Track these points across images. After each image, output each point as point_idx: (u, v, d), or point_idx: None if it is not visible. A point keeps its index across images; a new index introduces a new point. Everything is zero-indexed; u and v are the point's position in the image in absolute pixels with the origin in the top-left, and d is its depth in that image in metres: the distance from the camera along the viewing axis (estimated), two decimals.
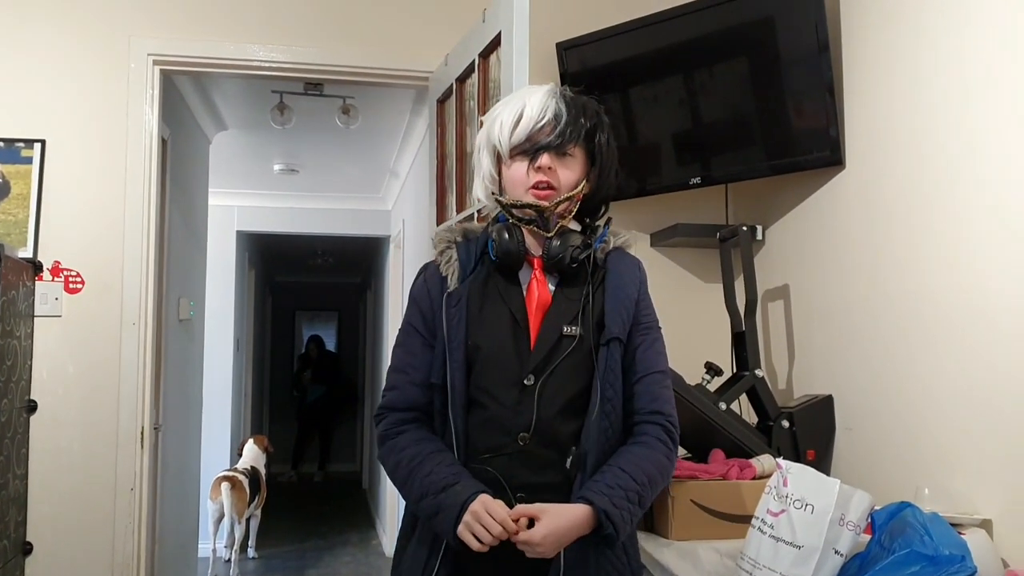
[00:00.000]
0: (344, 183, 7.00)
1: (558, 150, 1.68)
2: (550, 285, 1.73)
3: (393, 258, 6.87)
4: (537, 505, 1.56)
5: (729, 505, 2.13)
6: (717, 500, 2.14)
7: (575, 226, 1.78)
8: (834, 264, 2.63)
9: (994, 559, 1.78)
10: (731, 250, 2.86)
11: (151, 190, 3.13)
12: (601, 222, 1.80)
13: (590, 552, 1.61)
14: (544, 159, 1.67)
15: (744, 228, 2.80)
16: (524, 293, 1.73)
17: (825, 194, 2.69)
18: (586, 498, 1.57)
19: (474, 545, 1.54)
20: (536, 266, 1.74)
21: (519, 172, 1.70)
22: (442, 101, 3.24)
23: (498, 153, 1.74)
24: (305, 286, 12.48)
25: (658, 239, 3.19)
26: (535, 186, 1.68)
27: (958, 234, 2.10)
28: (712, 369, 2.63)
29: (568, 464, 1.62)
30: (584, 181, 1.72)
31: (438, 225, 3.24)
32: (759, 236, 2.96)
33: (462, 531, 1.55)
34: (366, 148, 5.91)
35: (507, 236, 1.71)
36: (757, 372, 2.67)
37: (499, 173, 1.76)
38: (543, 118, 1.67)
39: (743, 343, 2.73)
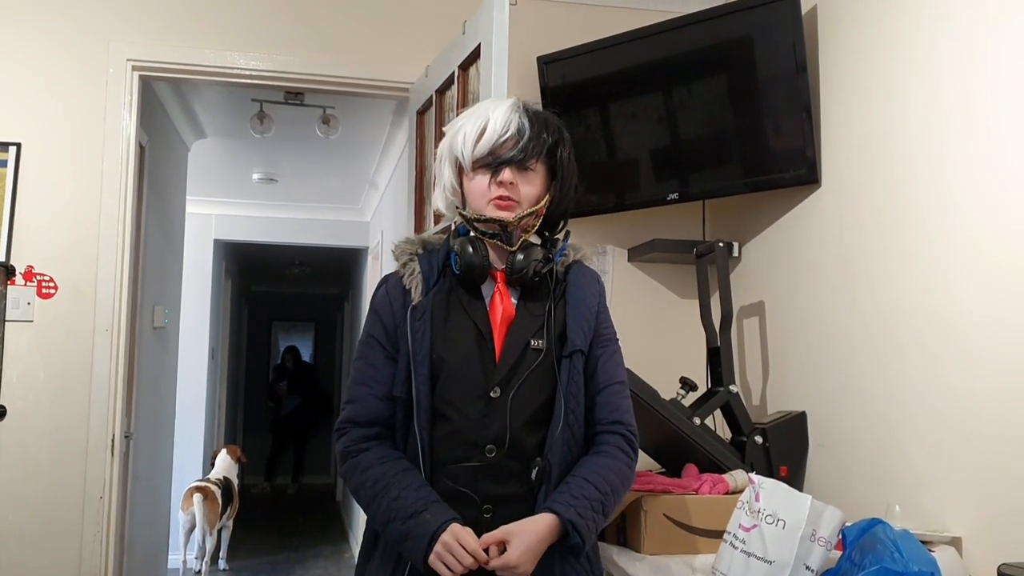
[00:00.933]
0: (323, 193, 6.98)
1: (520, 165, 1.69)
2: (513, 298, 1.75)
3: (371, 269, 6.86)
4: (502, 529, 1.57)
5: (702, 520, 2.13)
6: (690, 515, 2.14)
7: (535, 240, 1.80)
8: (809, 282, 2.65)
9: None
10: (707, 266, 2.88)
11: (127, 196, 3.11)
12: (560, 235, 1.82)
13: (555, 562, 1.62)
14: (506, 174, 1.69)
15: (721, 244, 2.81)
16: (488, 306, 1.74)
17: (801, 212, 2.71)
18: (552, 509, 1.59)
19: (446, 574, 1.55)
20: (499, 279, 1.75)
21: (481, 185, 1.71)
22: (422, 112, 3.25)
23: (460, 164, 1.75)
24: (282, 296, 12.42)
25: (635, 254, 3.20)
26: (497, 200, 1.70)
27: (931, 255, 2.12)
28: (687, 384, 2.64)
29: (533, 476, 1.64)
30: (546, 195, 1.74)
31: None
32: (735, 253, 2.98)
33: (433, 560, 1.55)
34: (346, 158, 5.90)
35: (471, 250, 1.72)
36: (731, 388, 2.68)
37: (460, 184, 1.77)
38: (506, 132, 1.69)
39: (718, 359, 2.74)
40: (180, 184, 4.99)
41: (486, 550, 1.55)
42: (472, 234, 1.75)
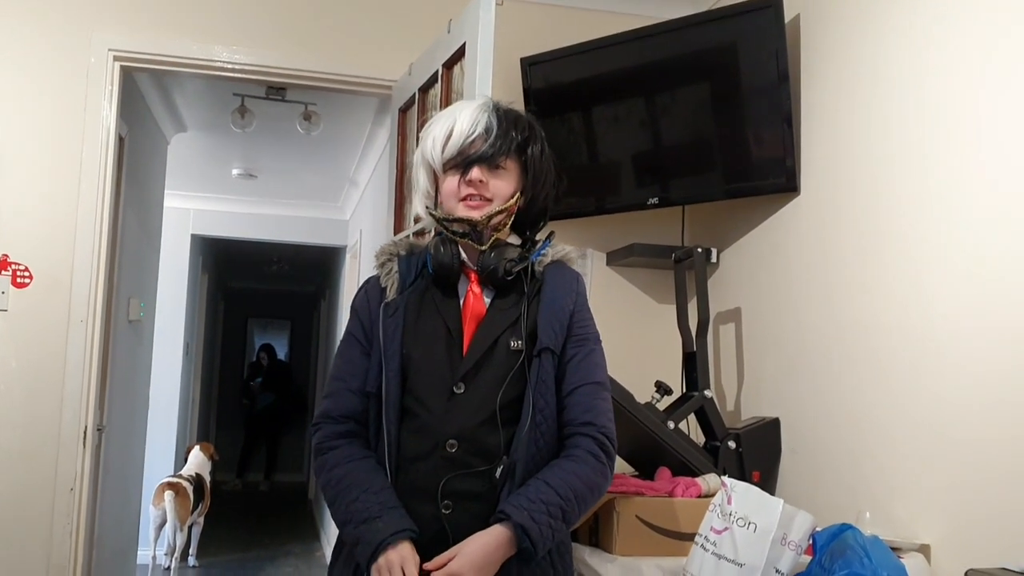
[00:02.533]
0: (303, 190, 6.96)
1: (489, 163, 1.70)
2: (486, 298, 1.75)
3: (349, 268, 6.84)
4: (446, 553, 1.56)
5: (673, 522, 2.14)
6: (662, 517, 2.15)
7: (515, 239, 1.80)
8: (786, 290, 2.67)
9: None
10: (685, 271, 2.89)
11: (106, 187, 3.09)
12: (542, 236, 1.82)
13: (513, 566, 1.60)
14: (475, 172, 1.70)
15: (699, 250, 2.83)
16: (461, 305, 1.75)
17: (780, 220, 2.73)
18: (504, 511, 1.58)
19: None
20: (473, 279, 1.76)
21: (451, 186, 1.72)
22: (404, 110, 3.24)
23: (433, 169, 1.76)
24: (259, 293, 12.35)
25: (614, 258, 3.21)
26: (467, 199, 1.71)
27: (908, 264, 2.14)
28: (662, 388, 2.65)
29: (497, 474, 1.63)
30: (518, 193, 1.75)
31: (395, 236, 3.23)
32: (714, 259, 3.00)
33: (374, 572, 1.56)
34: (326, 156, 5.88)
35: (442, 250, 1.74)
36: (706, 393, 2.69)
37: (436, 189, 1.79)
38: (474, 132, 1.70)
39: (693, 364, 2.76)
40: (159, 177, 4.96)
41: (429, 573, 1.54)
42: (445, 235, 1.76)
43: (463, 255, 1.76)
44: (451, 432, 1.65)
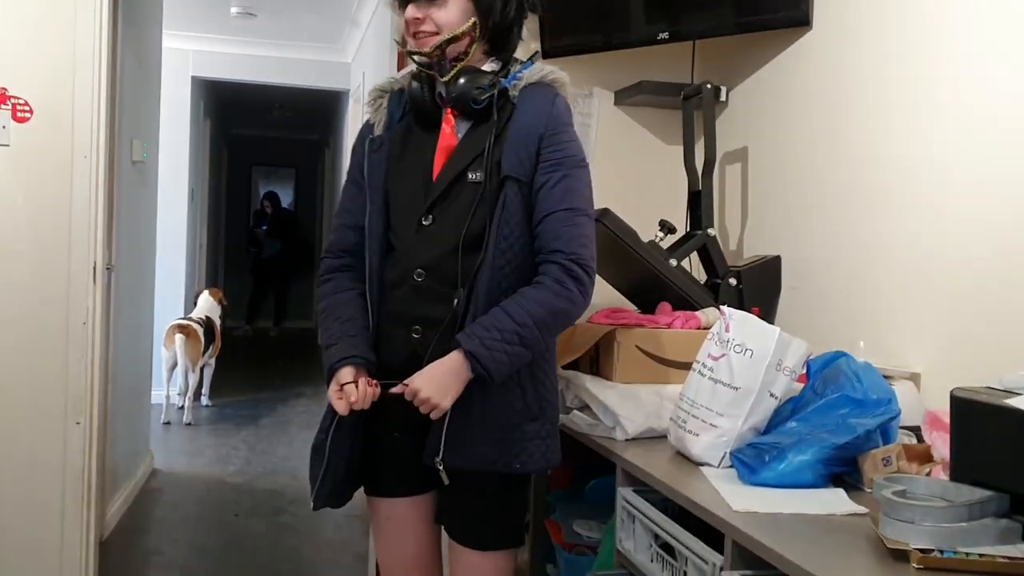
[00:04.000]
0: (303, 31, 6.78)
1: None
2: (460, 131, 1.77)
3: (352, 114, 6.75)
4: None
5: (672, 352, 2.20)
6: (661, 347, 2.20)
7: (493, 66, 1.79)
8: (793, 128, 2.65)
9: (918, 408, 1.87)
10: (694, 110, 2.85)
11: (102, 20, 3.02)
12: (521, 59, 1.82)
13: (475, 390, 1.67)
14: (409, 10, 1.72)
15: (708, 86, 2.78)
16: (438, 140, 1.78)
17: (790, 56, 2.67)
18: (457, 339, 1.65)
19: (338, 408, 1.69)
20: (448, 112, 1.78)
21: (402, 22, 1.76)
22: None
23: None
24: (262, 140, 12.23)
25: (622, 97, 3.16)
26: (414, 36, 1.74)
27: (915, 105, 2.11)
28: (666, 227, 2.66)
29: (455, 303, 1.70)
30: (472, 19, 1.72)
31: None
32: (723, 97, 2.95)
33: (329, 395, 1.71)
34: None
35: (414, 84, 1.78)
36: (709, 231, 2.71)
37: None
38: None
39: (698, 203, 2.76)
40: (156, 14, 4.83)
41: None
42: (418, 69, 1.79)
43: (441, 89, 1.77)
44: (418, 263, 1.73)
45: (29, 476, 3.01)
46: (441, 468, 1.68)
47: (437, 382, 1.63)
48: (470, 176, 1.71)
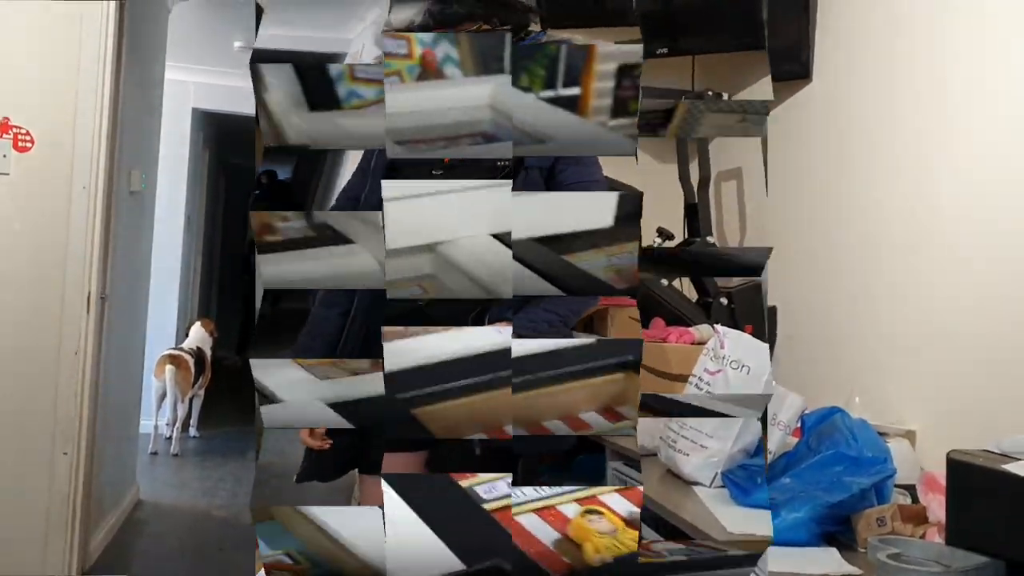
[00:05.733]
0: None
1: None
2: None
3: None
4: None
5: (667, 365, 2.21)
6: (656, 360, 2.21)
7: None
8: (792, 183, 2.66)
9: (914, 465, 1.87)
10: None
11: (107, 53, 3.04)
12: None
13: None
14: None
15: (710, 93, 2.78)
16: None
17: (788, 107, 2.70)
18: None
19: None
20: None
21: None
22: None
23: None
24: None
25: None
26: None
27: (917, 158, 2.13)
28: (663, 234, 2.68)
29: None
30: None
31: None
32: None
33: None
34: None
35: None
36: (708, 239, 2.71)
37: None
38: None
39: (695, 214, 2.79)
40: (160, 46, 4.86)
41: None
42: None
43: None
44: None
45: (13, 504, 2.98)
46: None
47: None
48: None
